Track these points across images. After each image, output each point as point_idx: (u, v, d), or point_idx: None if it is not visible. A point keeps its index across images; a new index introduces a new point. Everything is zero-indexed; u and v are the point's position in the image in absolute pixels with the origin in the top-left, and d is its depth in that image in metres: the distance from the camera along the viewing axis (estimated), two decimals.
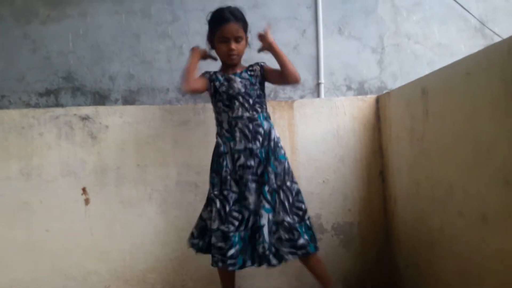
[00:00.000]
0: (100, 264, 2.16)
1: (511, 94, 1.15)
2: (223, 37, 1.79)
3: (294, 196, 1.80)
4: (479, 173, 1.34)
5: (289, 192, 1.79)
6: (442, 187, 1.59)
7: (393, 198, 2.15)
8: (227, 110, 1.82)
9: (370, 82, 2.62)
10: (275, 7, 2.57)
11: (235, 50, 1.81)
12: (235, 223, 1.74)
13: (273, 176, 1.78)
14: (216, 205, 1.77)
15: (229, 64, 1.88)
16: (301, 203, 1.80)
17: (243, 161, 1.78)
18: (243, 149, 1.79)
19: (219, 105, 1.84)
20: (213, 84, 1.86)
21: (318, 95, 2.57)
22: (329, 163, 2.26)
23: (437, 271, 1.69)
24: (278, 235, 1.75)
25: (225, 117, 1.83)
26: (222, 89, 1.84)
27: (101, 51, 2.49)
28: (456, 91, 1.47)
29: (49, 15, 2.47)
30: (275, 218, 1.76)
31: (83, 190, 2.17)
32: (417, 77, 1.83)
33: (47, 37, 2.47)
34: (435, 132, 1.64)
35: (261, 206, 1.74)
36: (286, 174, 1.81)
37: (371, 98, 2.31)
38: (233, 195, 1.77)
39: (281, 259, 1.74)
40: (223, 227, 1.73)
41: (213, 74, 1.89)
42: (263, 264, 1.74)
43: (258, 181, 1.78)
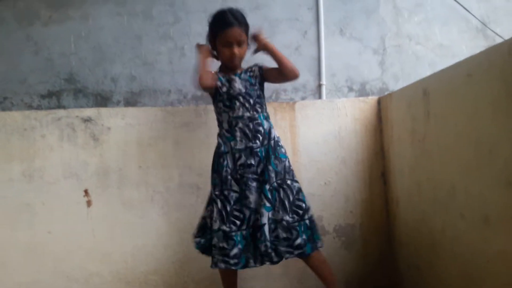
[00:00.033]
0: (102, 266, 2.17)
1: None
2: (226, 41, 1.79)
3: (294, 194, 1.79)
4: (481, 175, 1.34)
5: (290, 190, 1.79)
6: (443, 188, 1.59)
7: (394, 199, 2.15)
8: (227, 110, 1.83)
9: (371, 83, 2.62)
10: (276, 8, 2.57)
11: (237, 54, 1.81)
12: (236, 222, 1.75)
13: (274, 174, 1.79)
14: (217, 205, 1.77)
15: (228, 65, 1.88)
16: (301, 202, 1.80)
17: (244, 160, 1.78)
18: (244, 148, 1.79)
19: (219, 105, 1.85)
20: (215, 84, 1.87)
21: (319, 96, 2.56)
22: (331, 165, 2.26)
23: (438, 273, 1.69)
24: (276, 233, 1.75)
25: (225, 117, 1.84)
26: (223, 90, 1.84)
27: (103, 53, 2.49)
28: (457, 92, 1.47)
29: (51, 17, 2.48)
30: (275, 216, 1.76)
31: (85, 192, 2.17)
32: (418, 78, 1.83)
33: (49, 39, 2.47)
34: (436, 133, 1.64)
35: (261, 204, 1.75)
36: (286, 172, 1.81)
37: (372, 99, 2.31)
38: (234, 195, 1.77)
39: (281, 257, 1.75)
40: (224, 227, 1.74)
41: (215, 74, 1.89)
42: (266, 262, 1.75)
43: (258, 179, 1.79)
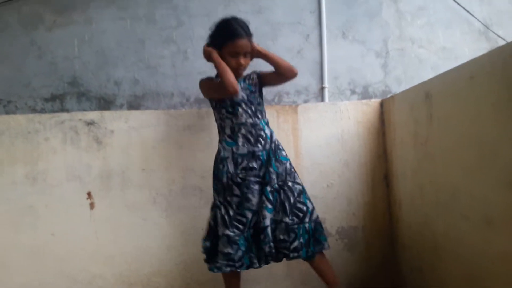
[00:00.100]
0: (105, 268, 2.17)
1: None
2: (234, 51, 1.80)
3: (296, 196, 1.80)
4: (483, 177, 1.34)
5: (291, 192, 1.80)
6: (446, 191, 1.59)
7: (397, 202, 2.15)
8: (230, 116, 1.84)
9: (374, 86, 2.62)
10: (278, 12, 2.58)
11: (243, 64, 1.84)
12: (239, 226, 1.76)
13: (275, 176, 1.80)
14: (220, 211, 1.79)
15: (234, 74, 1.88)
16: (303, 204, 1.80)
17: (246, 163, 1.79)
18: (246, 153, 1.80)
19: (222, 111, 1.86)
20: None
21: (322, 99, 2.57)
22: (334, 168, 2.26)
23: (441, 275, 1.68)
24: (275, 233, 1.77)
25: (228, 123, 1.85)
26: (227, 96, 1.85)
27: (106, 57, 2.51)
28: (460, 95, 1.47)
29: (55, 21, 2.50)
30: (275, 217, 1.78)
31: (88, 194, 2.18)
32: (421, 81, 1.83)
33: (53, 43, 2.49)
34: (439, 136, 1.64)
35: (263, 207, 1.77)
36: (287, 174, 1.83)
37: (375, 102, 2.31)
38: (235, 199, 1.78)
39: (283, 256, 1.79)
40: (228, 232, 1.75)
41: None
42: (270, 261, 1.78)
43: (260, 182, 1.80)
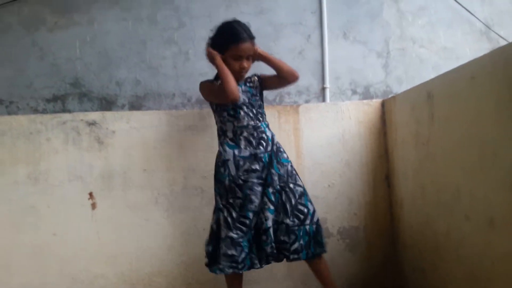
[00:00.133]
0: (107, 268, 2.17)
1: None
2: (237, 55, 1.80)
3: (297, 198, 1.81)
4: (485, 177, 1.34)
5: (292, 194, 1.81)
6: (448, 191, 1.59)
7: (399, 202, 2.15)
8: (232, 119, 1.84)
9: (375, 86, 2.62)
10: (280, 12, 2.58)
11: (246, 68, 1.84)
12: (243, 228, 1.76)
13: (276, 177, 1.81)
14: (223, 213, 1.79)
15: (234, 77, 1.86)
16: (304, 206, 1.81)
17: (248, 165, 1.80)
18: (248, 155, 1.81)
19: (223, 114, 1.86)
20: None
21: (323, 99, 2.57)
22: (335, 167, 2.27)
23: (443, 276, 1.68)
24: (276, 234, 1.78)
25: (229, 126, 1.85)
26: (227, 102, 1.83)
27: (108, 58, 2.51)
28: (461, 95, 1.47)
29: (57, 22, 2.50)
30: (276, 218, 1.80)
31: (90, 194, 2.18)
32: (422, 81, 1.83)
33: (55, 44, 2.49)
34: (440, 136, 1.64)
35: (265, 208, 1.78)
36: (289, 176, 1.84)
37: (376, 102, 2.31)
38: (238, 201, 1.78)
39: (283, 257, 1.80)
40: (231, 234, 1.75)
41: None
42: (271, 261, 1.80)
43: (262, 184, 1.81)
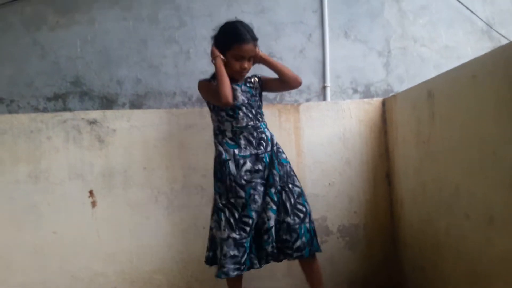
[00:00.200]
0: (106, 265, 2.18)
1: None
2: (239, 55, 1.79)
3: (296, 198, 1.82)
4: (486, 176, 1.34)
5: (291, 193, 1.82)
6: (448, 189, 1.59)
7: (399, 200, 2.15)
8: (230, 119, 1.83)
9: (376, 85, 2.62)
10: (281, 11, 2.58)
11: (247, 69, 1.84)
12: (246, 229, 1.75)
13: (278, 178, 1.81)
14: (225, 214, 1.77)
15: (234, 77, 1.86)
16: (302, 205, 1.82)
17: (250, 166, 1.79)
18: (249, 155, 1.80)
19: (222, 114, 1.84)
20: None
21: (324, 98, 2.57)
22: (335, 166, 2.27)
23: (443, 274, 1.68)
24: (279, 233, 1.78)
25: (228, 126, 1.84)
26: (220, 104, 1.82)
27: (109, 56, 2.51)
28: (462, 94, 1.47)
29: (58, 21, 2.51)
30: (278, 217, 1.79)
31: (90, 193, 2.19)
32: (423, 80, 1.83)
33: (56, 43, 2.50)
34: (441, 134, 1.64)
35: (268, 208, 1.78)
36: (288, 176, 1.84)
37: (377, 101, 2.31)
38: (240, 201, 1.77)
39: (285, 256, 1.80)
40: (234, 235, 1.74)
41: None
42: (270, 261, 1.80)
43: (264, 184, 1.81)
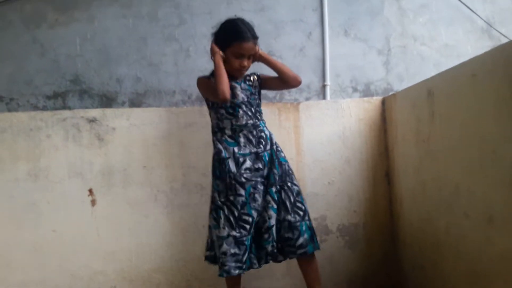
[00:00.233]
0: (106, 264, 2.18)
1: None
2: (239, 53, 1.79)
3: (295, 196, 1.83)
4: (485, 175, 1.33)
5: (290, 192, 1.82)
6: (448, 188, 1.59)
7: (399, 199, 2.15)
8: (230, 117, 1.83)
9: (376, 83, 2.62)
10: (281, 10, 2.57)
11: (246, 67, 1.83)
12: (246, 227, 1.75)
13: (278, 177, 1.82)
14: (224, 211, 1.77)
15: (233, 75, 1.86)
16: (301, 203, 1.83)
17: (250, 164, 1.79)
18: (249, 153, 1.80)
19: (221, 111, 1.84)
20: None
21: (324, 97, 2.57)
22: (335, 165, 2.27)
23: (443, 273, 1.68)
24: (280, 232, 1.79)
25: (227, 124, 1.83)
26: (218, 102, 1.82)
27: (108, 54, 2.51)
28: (462, 92, 1.47)
29: (58, 19, 2.50)
30: (278, 216, 1.80)
31: (90, 191, 2.18)
32: (423, 79, 1.83)
33: (55, 41, 2.49)
34: (441, 133, 1.63)
35: (269, 206, 1.78)
36: (287, 175, 1.85)
37: (377, 99, 2.31)
38: (240, 199, 1.76)
39: (285, 257, 1.80)
40: (234, 233, 1.73)
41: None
42: (269, 261, 1.79)
43: (264, 183, 1.81)
